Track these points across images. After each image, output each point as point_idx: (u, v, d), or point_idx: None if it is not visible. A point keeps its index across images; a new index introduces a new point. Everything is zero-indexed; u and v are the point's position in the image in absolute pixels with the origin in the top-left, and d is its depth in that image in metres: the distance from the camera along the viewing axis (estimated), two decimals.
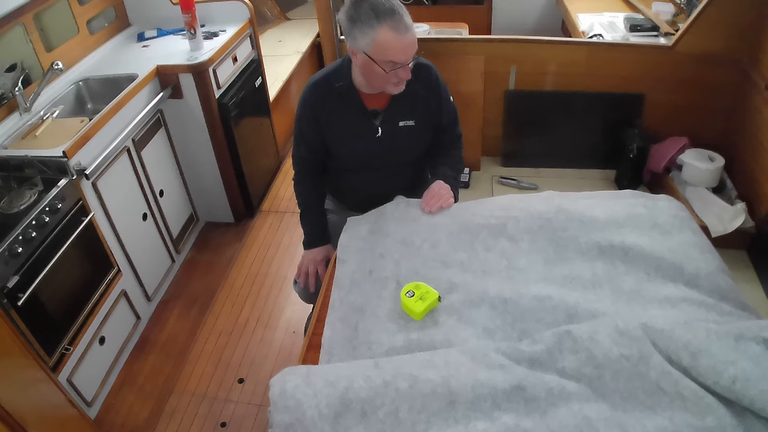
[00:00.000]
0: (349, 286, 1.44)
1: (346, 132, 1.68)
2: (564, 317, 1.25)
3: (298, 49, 3.88)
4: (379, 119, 1.67)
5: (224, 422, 2.03)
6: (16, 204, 1.79)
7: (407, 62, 1.50)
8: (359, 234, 1.58)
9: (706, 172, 2.43)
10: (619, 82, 2.63)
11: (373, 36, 1.44)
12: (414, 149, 1.76)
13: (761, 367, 1.02)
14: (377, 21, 1.43)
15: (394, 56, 1.47)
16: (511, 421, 1.04)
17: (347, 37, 1.51)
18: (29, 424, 1.37)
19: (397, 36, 1.44)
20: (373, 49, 1.46)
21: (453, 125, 1.80)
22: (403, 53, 1.48)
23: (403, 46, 1.46)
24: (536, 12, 4.28)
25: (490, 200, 1.66)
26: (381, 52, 1.46)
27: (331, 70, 1.68)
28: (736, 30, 2.38)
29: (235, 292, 2.58)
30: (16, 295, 1.66)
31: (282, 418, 1.05)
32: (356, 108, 1.65)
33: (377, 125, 1.67)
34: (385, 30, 1.43)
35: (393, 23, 1.43)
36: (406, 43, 1.46)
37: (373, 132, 1.67)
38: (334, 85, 1.64)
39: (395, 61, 1.48)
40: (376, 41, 1.45)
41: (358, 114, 1.66)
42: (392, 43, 1.45)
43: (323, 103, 1.65)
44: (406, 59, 1.49)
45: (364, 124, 1.67)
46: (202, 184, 2.84)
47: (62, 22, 2.45)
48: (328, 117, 1.66)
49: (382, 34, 1.44)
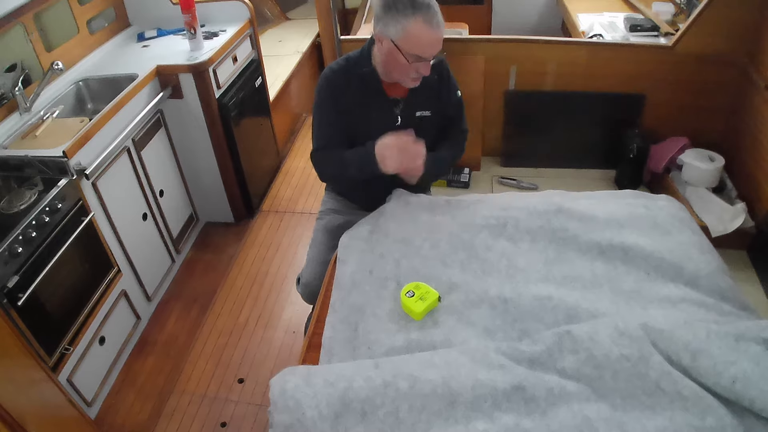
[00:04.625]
0: (349, 286, 1.44)
1: (366, 119, 1.67)
2: (564, 317, 1.25)
3: (298, 49, 3.88)
4: (400, 108, 1.67)
5: (224, 422, 2.03)
6: (16, 204, 1.79)
7: (431, 58, 1.50)
8: (360, 235, 1.58)
9: (706, 172, 2.43)
10: (619, 82, 2.62)
11: (406, 25, 1.45)
12: (429, 140, 1.76)
13: (761, 368, 1.02)
14: (412, 11, 1.44)
15: (420, 49, 1.48)
16: (511, 421, 1.04)
17: (377, 23, 1.52)
18: (29, 424, 1.37)
19: (429, 30, 1.45)
20: (402, 38, 1.47)
21: (459, 118, 1.81)
22: (431, 48, 1.49)
23: (432, 40, 1.48)
24: (536, 12, 4.28)
25: (489, 198, 1.65)
26: (409, 43, 1.47)
27: (352, 56, 1.68)
28: (736, 30, 2.38)
29: (235, 292, 2.58)
30: (16, 295, 1.66)
31: (282, 418, 1.05)
32: (378, 95, 1.65)
33: (397, 114, 1.67)
34: (419, 22, 1.44)
35: (428, 17, 1.44)
36: (436, 38, 1.48)
37: (393, 121, 1.67)
38: (356, 71, 1.64)
39: (420, 55, 1.48)
40: (407, 31, 1.46)
41: (380, 101, 1.66)
42: (423, 35, 1.46)
43: (346, 87, 1.64)
44: (431, 54, 1.50)
45: (385, 112, 1.67)
46: (202, 184, 2.84)
47: (62, 22, 2.45)
48: (349, 102, 1.65)
49: (415, 25, 1.45)
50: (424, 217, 1.58)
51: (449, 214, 1.58)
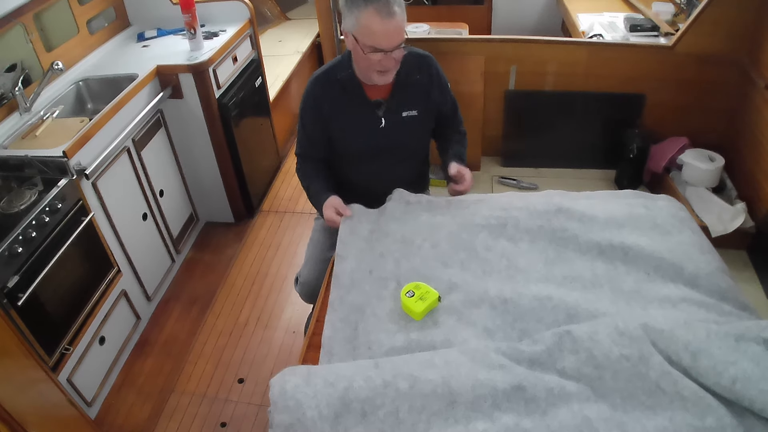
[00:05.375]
0: (348, 285, 1.44)
1: (349, 123, 1.68)
2: (564, 317, 1.25)
3: (298, 49, 3.88)
4: (382, 110, 1.67)
5: (224, 422, 2.03)
6: (16, 204, 1.79)
7: (390, 49, 1.49)
8: (360, 233, 1.57)
9: (706, 172, 2.43)
10: (619, 82, 2.63)
11: (359, 16, 1.46)
12: (418, 140, 1.76)
13: (761, 368, 1.02)
14: (365, 2, 1.44)
15: (374, 40, 1.47)
16: (511, 421, 1.04)
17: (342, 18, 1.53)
18: (29, 424, 1.37)
19: (380, 20, 1.44)
20: (357, 30, 1.48)
21: (455, 112, 1.81)
22: (386, 39, 1.47)
23: (386, 30, 1.46)
24: (536, 12, 4.28)
25: (489, 198, 1.65)
26: (364, 35, 1.48)
27: (333, 63, 1.69)
28: (736, 30, 2.38)
29: (235, 292, 2.58)
30: (16, 295, 1.66)
31: (282, 418, 1.05)
32: (359, 99, 1.66)
33: (380, 116, 1.67)
34: (371, 12, 1.44)
35: (379, 6, 1.44)
36: (389, 28, 1.46)
37: (377, 123, 1.67)
38: (336, 77, 1.65)
39: (376, 46, 1.48)
40: (360, 22, 1.47)
41: (361, 105, 1.66)
42: (375, 26, 1.45)
43: (326, 94, 1.66)
44: (389, 46, 1.48)
45: (367, 114, 1.67)
46: (202, 184, 2.84)
47: (62, 22, 2.45)
48: (331, 109, 1.66)
49: (367, 15, 1.45)
50: (424, 217, 1.58)
51: (449, 214, 1.58)
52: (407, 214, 1.59)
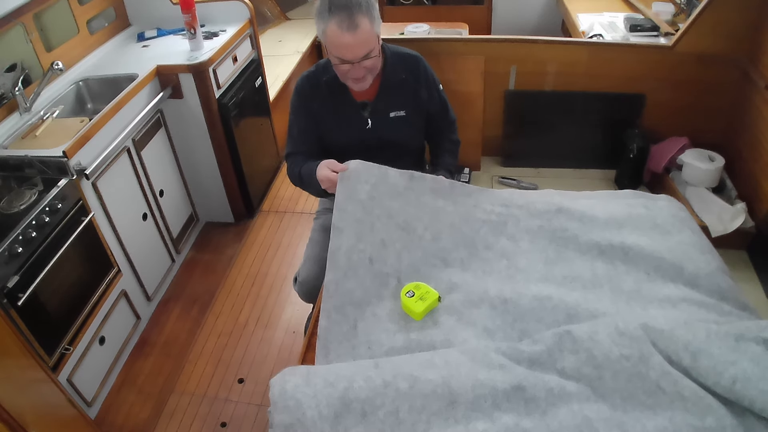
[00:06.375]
0: (345, 267, 1.37)
1: (336, 124, 1.69)
2: (564, 317, 1.25)
3: (298, 49, 3.88)
4: (368, 110, 1.68)
5: (224, 422, 2.03)
6: (16, 204, 1.79)
7: (355, 61, 1.50)
8: (357, 196, 1.45)
9: (706, 172, 2.43)
10: (619, 82, 2.62)
11: (324, 28, 1.49)
12: (407, 139, 1.77)
13: (761, 368, 1.02)
14: (328, 15, 1.46)
15: (338, 51, 1.49)
16: (511, 421, 1.04)
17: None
18: (29, 424, 1.37)
19: (340, 33, 1.45)
20: (324, 41, 1.51)
21: (445, 112, 1.82)
22: (349, 51, 1.48)
23: (347, 44, 1.47)
24: (536, 12, 4.28)
25: (491, 191, 1.62)
26: (330, 46, 1.51)
27: (321, 64, 1.71)
28: (736, 30, 2.38)
29: (235, 292, 2.58)
30: (16, 295, 1.66)
31: (282, 418, 1.05)
32: (345, 99, 1.67)
33: (366, 117, 1.68)
34: (333, 25, 1.46)
35: (340, 20, 1.44)
36: (349, 42, 1.46)
37: (363, 123, 1.68)
38: (323, 77, 1.66)
39: (340, 57, 1.50)
40: (325, 34, 1.49)
41: (347, 106, 1.67)
42: (335, 39, 1.47)
43: (314, 95, 1.67)
44: (353, 57, 1.49)
45: (353, 115, 1.68)
46: (202, 184, 2.84)
47: (62, 22, 2.45)
48: (319, 110, 1.68)
49: (330, 28, 1.47)
50: (427, 199, 1.51)
51: (451, 199, 1.54)
52: (410, 190, 1.51)
